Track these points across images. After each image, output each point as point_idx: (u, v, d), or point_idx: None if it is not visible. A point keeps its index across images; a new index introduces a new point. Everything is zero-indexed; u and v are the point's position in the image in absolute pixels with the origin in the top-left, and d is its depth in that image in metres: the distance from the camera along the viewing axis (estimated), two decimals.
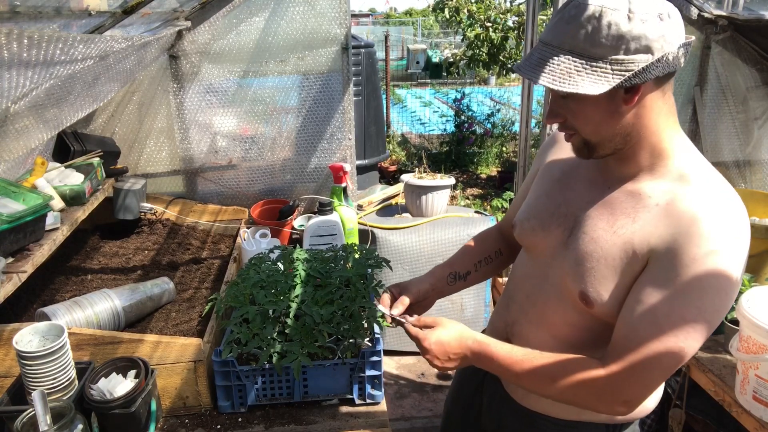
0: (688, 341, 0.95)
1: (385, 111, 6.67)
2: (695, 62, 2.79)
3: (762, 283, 2.04)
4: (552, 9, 2.74)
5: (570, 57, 0.96)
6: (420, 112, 10.98)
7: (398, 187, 3.39)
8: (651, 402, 1.19)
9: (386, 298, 1.31)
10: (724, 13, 2.63)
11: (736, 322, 1.62)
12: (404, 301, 1.28)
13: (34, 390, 1.20)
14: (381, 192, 3.54)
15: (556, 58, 0.96)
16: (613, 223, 1.05)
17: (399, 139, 7.93)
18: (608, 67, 0.95)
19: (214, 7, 2.46)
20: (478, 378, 1.40)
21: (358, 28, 19.71)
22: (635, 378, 0.98)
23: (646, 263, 1.00)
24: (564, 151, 1.24)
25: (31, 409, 1.19)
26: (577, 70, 0.95)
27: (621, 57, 0.94)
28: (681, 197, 1.00)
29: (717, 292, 0.95)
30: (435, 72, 14.77)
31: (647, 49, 0.94)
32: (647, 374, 0.98)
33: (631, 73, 0.94)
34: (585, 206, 1.12)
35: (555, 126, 1.14)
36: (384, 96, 7.23)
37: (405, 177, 3.09)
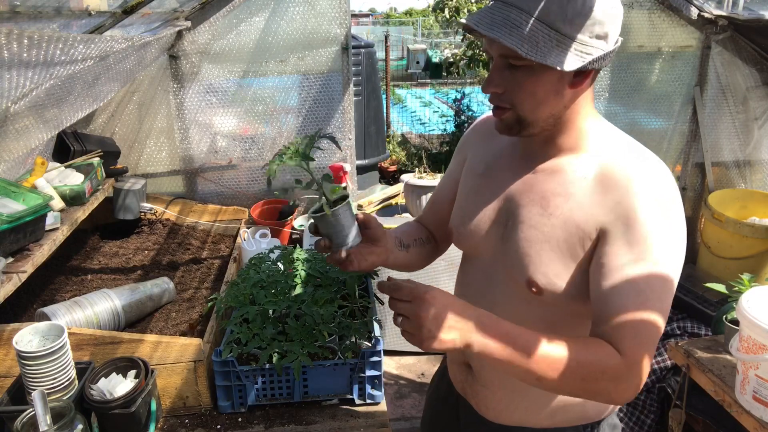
0: (669, 300, 0.96)
1: (385, 111, 6.67)
2: (695, 62, 2.79)
3: (762, 283, 2.05)
4: None
5: (538, 24, 0.91)
6: (420, 112, 10.97)
7: (398, 187, 3.40)
8: None
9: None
10: (724, 13, 2.63)
11: (736, 322, 1.62)
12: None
13: (34, 390, 1.20)
14: (381, 192, 3.54)
15: (524, 22, 0.91)
16: (546, 206, 1.03)
17: (399, 139, 7.92)
18: (573, 46, 0.93)
19: (214, 7, 2.46)
20: (452, 406, 1.33)
21: (358, 28, 19.72)
22: (647, 357, 0.94)
23: (596, 238, 0.98)
24: (483, 143, 1.23)
25: (31, 409, 1.19)
26: (545, 41, 0.92)
27: (586, 38, 0.93)
28: (608, 165, 1.00)
29: (678, 242, 0.97)
30: (435, 72, 14.75)
31: (605, 36, 0.94)
32: (651, 349, 0.95)
33: (591, 57, 0.94)
34: (514, 196, 1.09)
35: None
36: (384, 96, 7.23)
37: (405, 177, 3.09)
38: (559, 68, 0.91)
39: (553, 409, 1.14)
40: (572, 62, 0.93)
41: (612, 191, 0.97)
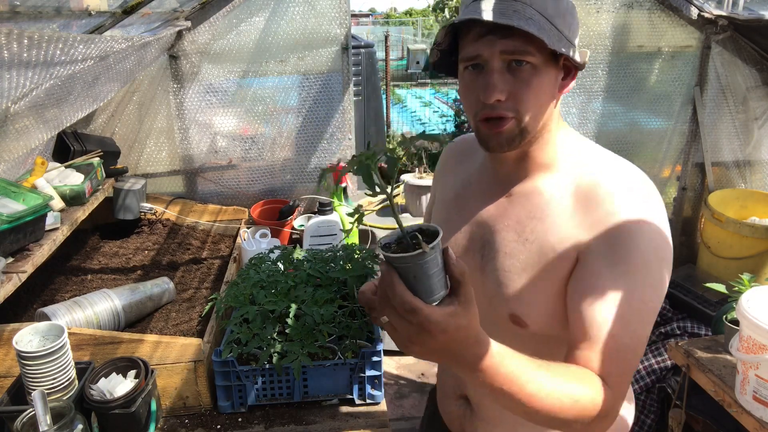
0: (651, 324, 0.90)
1: (385, 111, 6.67)
2: (695, 62, 2.79)
3: (762, 283, 2.04)
4: None
5: (540, 17, 0.86)
6: (420, 112, 10.98)
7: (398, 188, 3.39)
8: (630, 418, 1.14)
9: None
10: (724, 13, 2.63)
11: (736, 322, 1.62)
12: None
13: (34, 390, 1.20)
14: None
15: (532, 13, 0.85)
16: (522, 231, 0.96)
17: (399, 139, 7.92)
18: (567, 42, 0.89)
19: (214, 7, 2.46)
20: None
21: (358, 28, 19.71)
22: (627, 389, 0.90)
23: (576, 260, 0.91)
24: (450, 172, 1.15)
25: (31, 409, 1.19)
26: (551, 33, 0.86)
27: (571, 36, 0.90)
28: (586, 182, 0.93)
29: (664, 261, 0.90)
30: (435, 72, 14.75)
31: (576, 39, 0.92)
32: (630, 378, 0.91)
33: (577, 58, 0.91)
34: (488, 222, 1.02)
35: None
36: (384, 96, 7.23)
37: (405, 177, 3.09)
38: (579, 60, 0.89)
39: None
40: (576, 55, 0.90)
41: (591, 210, 0.91)
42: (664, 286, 0.90)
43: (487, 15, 0.84)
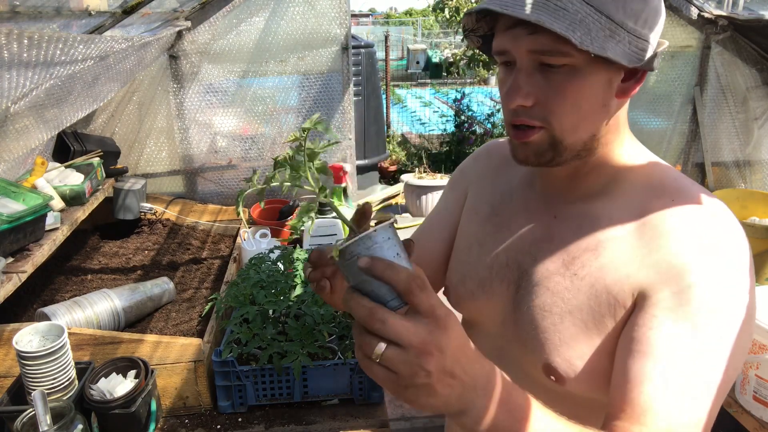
0: (722, 399, 0.70)
1: (385, 111, 6.67)
2: (695, 62, 2.79)
3: (762, 283, 2.04)
4: None
5: (585, 6, 0.67)
6: (420, 112, 10.98)
7: (398, 187, 3.40)
8: None
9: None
10: (724, 13, 2.63)
11: None
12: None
13: (34, 390, 1.20)
14: (381, 192, 3.54)
15: (569, 3, 0.67)
16: (570, 263, 0.79)
17: (399, 139, 7.93)
18: (627, 37, 0.70)
19: (214, 7, 2.46)
20: None
21: (358, 28, 19.73)
22: None
23: (632, 306, 0.74)
24: (487, 179, 0.97)
25: (31, 409, 1.19)
26: (597, 28, 0.67)
27: (638, 29, 0.70)
28: (654, 211, 0.76)
29: (746, 318, 0.71)
30: (435, 72, 14.77)
31: (652, 30, 0.72)
32: None
33: (646, 54, 0.72)
34: (529, 248, 0.84)
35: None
36: (384, 96, 7.23)
37: (405, 177, 3.10)
38: (625, 64, 0.70)
39: None
40: (632, 57, 0.70)
41: (657, 246, 0.73)
42: (744, 351, 0.72)
43: (504, 5, 0.66)
